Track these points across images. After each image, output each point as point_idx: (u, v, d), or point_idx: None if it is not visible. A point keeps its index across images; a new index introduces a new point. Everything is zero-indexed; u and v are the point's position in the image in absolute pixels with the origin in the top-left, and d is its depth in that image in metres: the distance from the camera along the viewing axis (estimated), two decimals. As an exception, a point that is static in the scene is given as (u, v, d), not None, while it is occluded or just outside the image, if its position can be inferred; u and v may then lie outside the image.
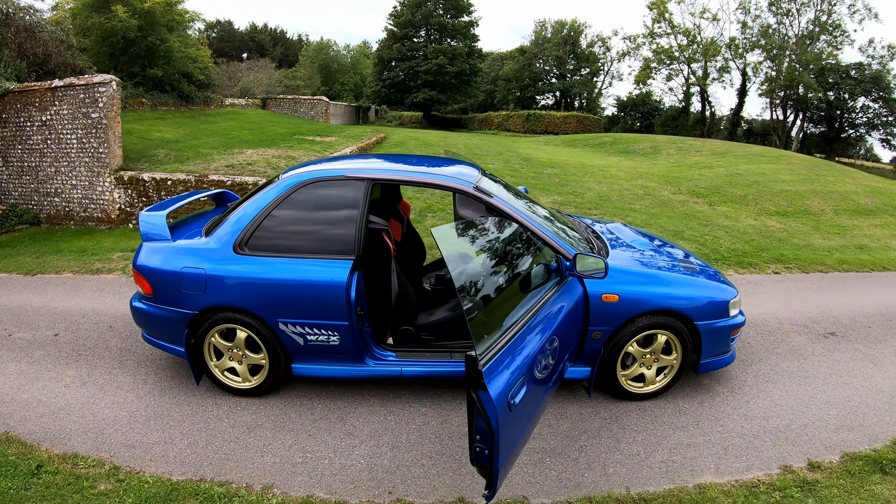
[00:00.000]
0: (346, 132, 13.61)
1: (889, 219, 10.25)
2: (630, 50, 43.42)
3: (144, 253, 3.22)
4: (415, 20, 38.14)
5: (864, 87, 33.37)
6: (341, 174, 3.14)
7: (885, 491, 2.77)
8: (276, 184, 3.20)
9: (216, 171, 7.19)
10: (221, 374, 3.27)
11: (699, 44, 38.46)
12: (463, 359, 3.23)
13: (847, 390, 3.85)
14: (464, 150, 13.22)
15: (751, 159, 15.82)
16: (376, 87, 40.36)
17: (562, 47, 45.02)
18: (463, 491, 2.57)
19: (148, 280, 3.14)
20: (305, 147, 9.61)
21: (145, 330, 3.41)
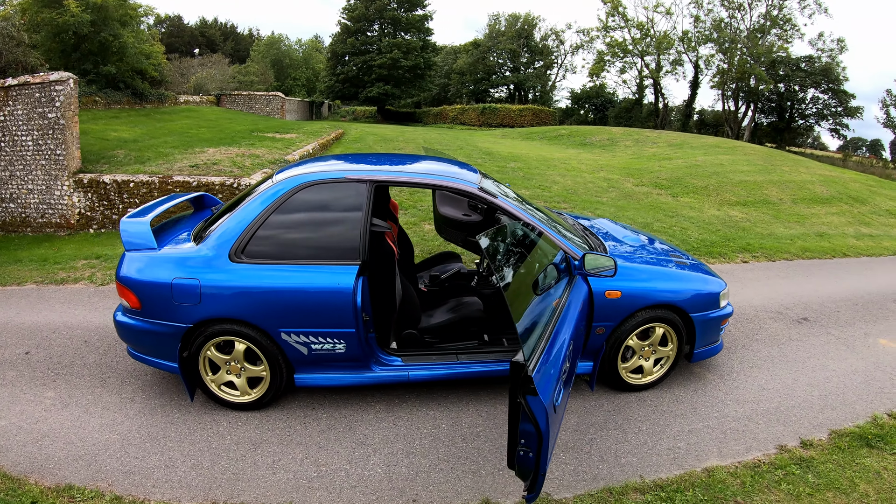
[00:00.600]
0: (305, 128, 13.43)
1: (844, 207, 11.07)
2: (584, 43, 44.95)
3: (129, 263, 3.06)
4: (369, 14, 38.35)
5: (814, 79, 35.85)
6: (342, 176, 3.10)
7: (874, 463, 3.05)
8: (272, 186, 3.11)
9: (180, 172, 6.96)
10: (218, 389, 3.18)
11: (652, 37, 40.11)
12: (469, 360, 3.31)
13: (825, 372, 4.19)
14: (423, 143, 13.29)
15: (707, 151, 16.64)
16: (330, 81, 40.57)
17: (516, 41, 46.03)
18: (486, 492, 2.64)
19: (134, 293, 3.01)
20: (267, 145, 9.43)
21: (132, 345, 3.26)
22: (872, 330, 5.07)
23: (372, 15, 38.38)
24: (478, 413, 3.30)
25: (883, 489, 2.84)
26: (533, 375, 1.88)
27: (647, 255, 3.97)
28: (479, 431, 3.12)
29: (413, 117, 42.28)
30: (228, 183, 6.68)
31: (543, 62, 47.60)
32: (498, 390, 3.56)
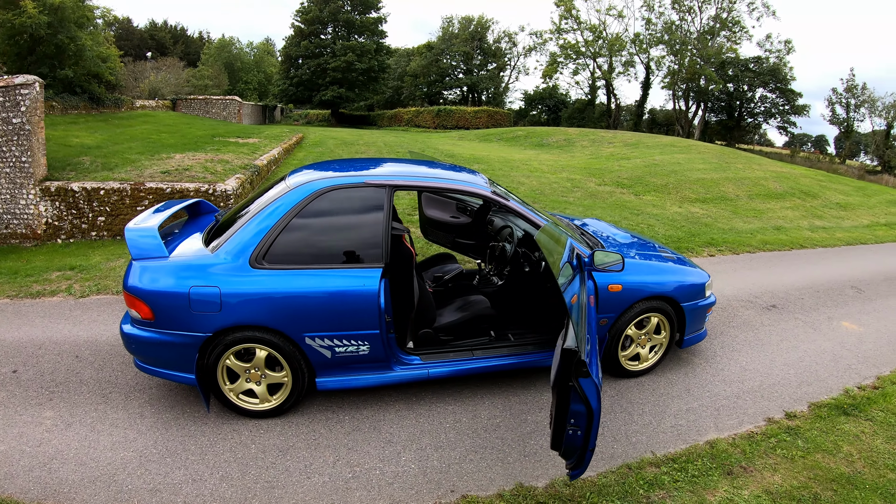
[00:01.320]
0: (265, 133, 13.37)
1: (797, 201, 12.10)
2: (537, 45, 46.83)
3: (138, 273, 3.04)
4: (322, 16, 38.66)
5: (762, 79, 38.75)
6: (362, 181, 3.24)
7: (852, 428, 3.53)
8: (291, 192, 3.19)
9: (152, 178, 6.83)
10: (236, 398, 3.23)
11: (605, 39, 42.08)
12: (483, 355, 3.55)
13: (798, 353, 4.71)
14: (384, 147, 13.49)
15: (663, 150, 17.68)
16: (283, 85, 40.72)
17: (469, 43, 47.30)
18: (517, 477, 2.87)
19: (147, 303, 3.00)
20: (232, 150, 9.38)
21: (142, 358, 3.24)
22: (835, 314, 5.70)
23: (326, 17, 38.68)
24: (493, 405, 3.53)
25: (863, 449, 3.30)
26: (585, 359, 2.15)
27: (639, 250, 4.35)
28: (499, 422, 3.36)
29: (367, 120, 42.85)
30: (203, 189, 6.63)
31: (496, 64, 49.13)
32: (508, 382, 3.81)
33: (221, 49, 47.33)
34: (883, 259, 8.53)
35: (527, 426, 3.35)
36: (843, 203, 12.73)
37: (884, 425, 3.58)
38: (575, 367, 2.18)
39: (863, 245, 9.38)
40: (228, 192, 6.75)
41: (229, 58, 46.72)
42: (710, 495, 2.81)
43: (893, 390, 4.04)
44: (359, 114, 43.68)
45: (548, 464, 3.01)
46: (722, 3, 39.01)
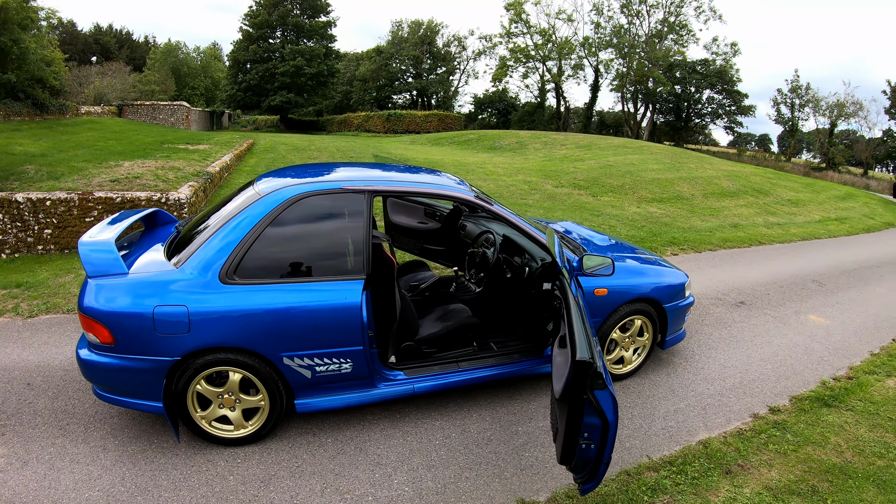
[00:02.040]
0: (215, 139, 12.96)
1: (750, 199, 12.74)
2: (486, 49, 48.00)
3: (95, 292, 2.78)
4: (271, 20, 38.76)
5: (709, 81, 40.87)
6: (338, 186, 3.08)
7: (835, 419, 3.68)
8: (263, 199, 3.01)
9: (101, 188, 6.43)
10: (209, 426, 3.02)
11: (555, 43, 43.40)
12: (469, 367, 3.47)
13: (771, 348, 4.91)
14: (336, 152, 13.32)
15: (616, 151, 18.31)
16: (231, 90, 40.51)
17: (419, 47, 47.97)
18: (517, 493, 2.80)
19: (106, 326, 2.74)
20: (182, 156, 9.02)
21: (101, 386, 2.97)
22: (801, 308, 5.99)
23: (275, 21, 38.78)
24: (482, 418, 3.46)
25: (850, 438, 3.44)
26: (601, 371, 2.12)
27: (620, 252, 4.42)
28: (489, 435, 3.28)
29: (316, 126, 42.97)
30: (156, 198, 6.31)
31: (446, 68, 50.00)
32: (493, 393, 3.75)
33: (168, 54, 47.25)
34: (838, 253, 9.08)
35: (519, 438, 3.30)
36: (794, 199, 13.53)
37: (865, 414, 3.76)
38: (591, 379, 2.15)
39: (817, 240, 9.97)
40: (182, 201, 6.45)
41: (176, 63, 46.67)
42: (713, 496, 2.84)
43: (868, 380, 4.26)
44: (308, 119, 43.70)
45: (546, 476, 2.96)
46: (669, 8, 41.11)
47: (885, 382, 4.28)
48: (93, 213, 6.10)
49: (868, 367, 4.54)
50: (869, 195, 19.86)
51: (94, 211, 6.11)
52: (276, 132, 33.55)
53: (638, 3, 41.21)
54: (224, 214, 3.13)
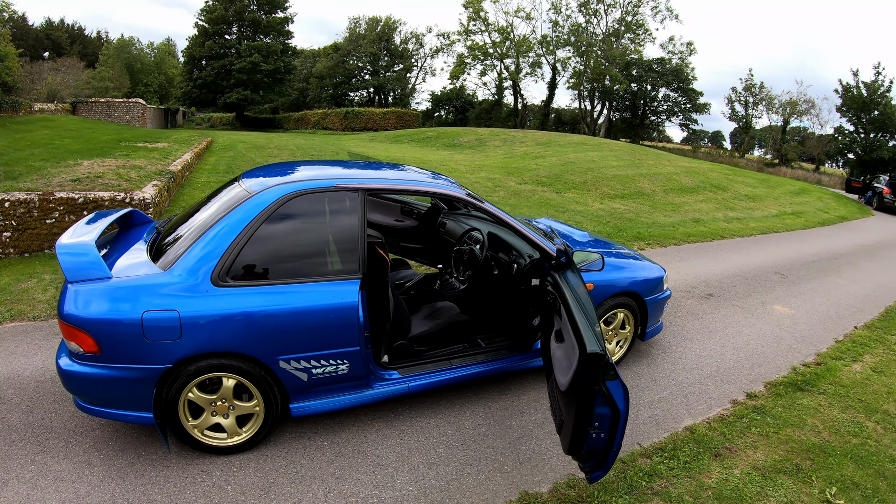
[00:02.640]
0: (173, 137, 12.59)
1: (709, 194, 13.33)
2: (444, 46, 48.70)
3: (77, 298, 2.67)
4: (228, 16, 38.43)
5: (665, 80, 42.46)
6: (332, 184, 3.06)
7: (810, 402, 3.96)
8: (253, 198, 2.95)
9: (62, 187, 6.12)
10: (201, 435, 2.95)
11: (513, 41, 44.22)
12: (462, 364, 3.54)
13: (743, 337, 5.20)
14: (296, 150, 13.15)
15: (576, 148, 18.78)
16: (186, 87, 39.96)
17: (376, 44, 48.24)
18: (520, 485, 2.88)
19: (90, 334, 2.64)
20: (142, 155, 8.72)
21: (84, 398, 2.85)
22: (766, 299, 6.36)
23: (231, 17, 38.47)
24: (475, 414, 3.53)
25: (826, 420, 3.72)
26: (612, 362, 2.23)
27: (601, 248, 4.59)
28: (485, 431, 3.36)
29: (273, 123, 42.70)
30: (120, 197, 6.08)
31: (403, 65, 50.51)
32: (483, 389, 3.83)
33: (121, 49, 46.56)
34: (797, 245, 9.66)
35: (513, 432, 3.39)
36: (752, 195, 14.26)
37: (836, 397, 4.06)
38: (603, 371, 2.26)
39: (776, 233, 10.57)
40: (147, 201, 6.25)
41: (129, 59, 46.11)
42: (706, 478, 3.01)
43: (835, 365, 4.60)
44: (264, 117, 43.38)
45: (545, 468, 3.06)
46: (627, 7, 42.57)
47: (851, 367, 4.63)
48: (54, 215, 5.85)
49: (834, 354, 4.89)
50: (822, 190, 21.14)
51: (56, 212, 5.85)
52: (232, 130, 32.92)
53: (595, 3, 42.65)
54: (210, 214, 3.07)
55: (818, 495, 2.98)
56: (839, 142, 35.79)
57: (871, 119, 32.19)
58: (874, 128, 32.16)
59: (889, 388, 4.32)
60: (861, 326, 5.73)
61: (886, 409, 3.97)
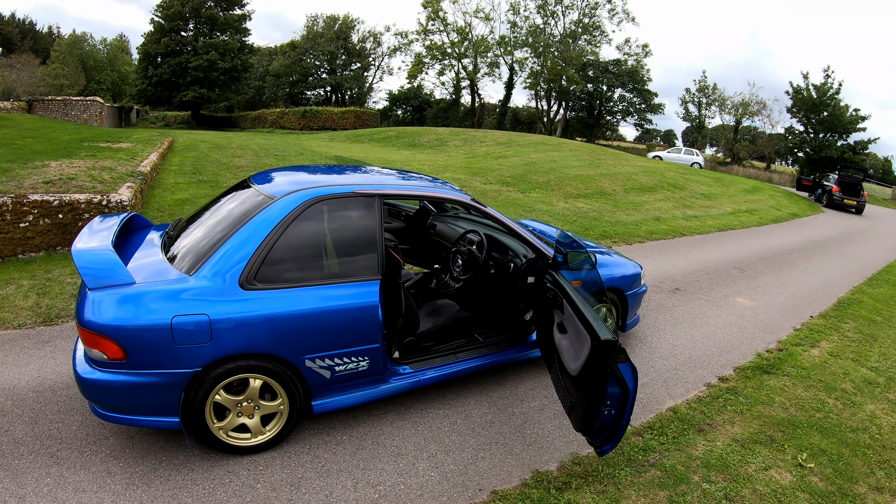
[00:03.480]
0: (134, 137, 12.35)
1: (667, 193, 14.13)
2: (402, 46, 49.25)
3: (100, 304, 2.70)
4: (184, 12, 38.31)
5: (621, 80, 44.06)
6: (350, 190, 3.28)
7: (776, 383, 4.50)
8: (277, 203, 3.11)
9: (34, 190, 5.99)
10: (226, 436, 3.09)
11: (471, 41, 45.12)
12: (466, 357, 3.84)
13: (710, 327, 5.74)
14: (259, 150, 13.10)
15: (537, 148, 19.44)
16: (142, 85, 39.71)
17: (334, 42, 48.44)
18: (530, 465, 3.21)
19: (116, 341, 2.68)
20: (108, 155, 8.54)
21: (106, 405, 2.88)
22: (728, 292, 6.97)
23: (188, 13, 38.38)
24: (479, 404, 3.83)
25: (791, 398, 4.26)
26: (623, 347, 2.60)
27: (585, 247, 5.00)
28: (491, 418, 3.67)
29: (229, 122, 42.61)
30: (97, 200, 5.96)
31: (361, 64, 50.91)
32: (484, 380, 4.15)
33: (73, 45, 45.95)
34: (752, 242, 10.48)
35: (517, 418, 3.71)
36: (707, 193, 15.21)
37: (798, 378, 4.63)
38: (616, 355, 2.61)
39: (732, 230, 11.40)
40: (125, 203, 6.23)
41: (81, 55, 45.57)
42: (693, 450, 3.44)
43: (796, 351, 5.20)
44: (220, 115, 43.17)
45: (550, 448, 3.41)
46: (584, 9, 44.13)
47: (810, 352, 5.24)
48: (27, 218, 5.77)
49: (794, 340, 5.51)
50: (774, 188, 22.65)
51: (30, 215, 5.77)
52: (188, 129, 32.31)
53: (553, 4, 43.97)
54: (227, 218, 3.23)
55: (791, 461, 3.47)
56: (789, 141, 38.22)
57: (820, 120, 34.73)
58: (823, 128, 34.69)
59: (845, 369, 4.95)
60: (816, 316, 6.42)
61: (844, 388, 4.57)
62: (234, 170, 10.62)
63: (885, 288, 8.35)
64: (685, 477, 3.19)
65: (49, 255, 5.88)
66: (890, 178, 47.39)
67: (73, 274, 5.41)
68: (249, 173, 10.18)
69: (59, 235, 5.98)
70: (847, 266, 9.70)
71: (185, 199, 8.10)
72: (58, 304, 4.83)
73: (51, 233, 5.94)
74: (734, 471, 3.31)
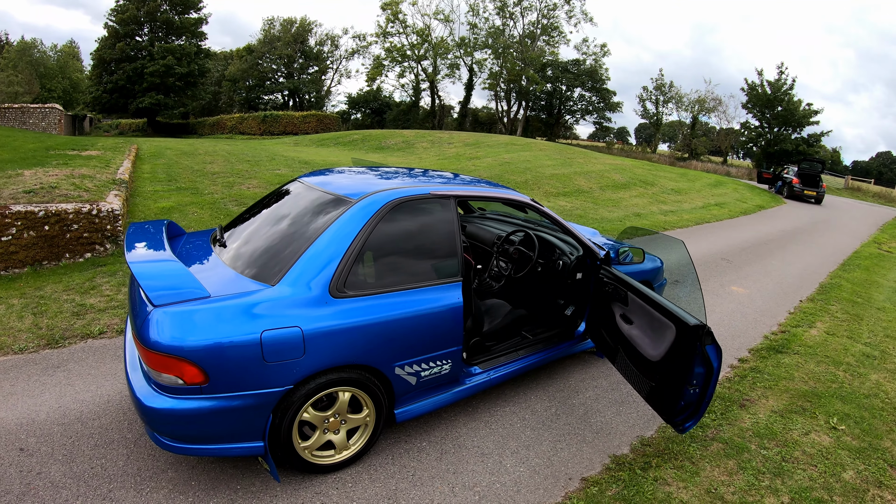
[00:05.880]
0: (99, 144, 11.99)
1: (640, 190, 14.93)
2: (360, 48, 49.44)
3: (172, 323, 2.49)
4: (139, 16, 38.10)
5: (580, 80, 45.72)
6: (427, 192, 3.32)
7: (790, 361, 5.05)
8: (358, 206, 3.07)
9: (15, 200, 5.79)
10: (312, 456, 2.99)
11: (431, 43, 45.84)
12: (527, 354, 4.06)
13: (716, 314, 6.30)
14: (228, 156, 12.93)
15: (507, 148, 20.02)
16: (96, 92, 39.35)
17: (291, 46, 48.49)
18: (607, 450, 3.53)
19: (196, 362, 2.48)
20: (81, 164, 8.34)
21: (178, 436, 2.63)
22: (724, 281, 7.63)
23: (143, 17, 38.21)
24: (540, 398, 4.10)
25: (807, 372, 4.83)
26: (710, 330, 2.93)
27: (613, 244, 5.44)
28: (555, 412, 3.95)
29: (186, 129, 42.40)
30: (86, 209, 5.84)
31: (319, 67, 50.98)
32: (535, 377, 4.42)
33: (23, 52, 45.56)
34: (730, 234, 11.31)
35: (578, 409, 4.01)
36: (677, 189, 16.16)
37: (807, 356, 5.22)
38: (704, 337, 2.94)
39: (708, 224, 12.24)
40: (116, 212, 6.09)
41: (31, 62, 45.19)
42: (741, 423, 3.92)
43: (797, 332, 5.83)
44: (176, 122, 42.62)
45: (617, 434, 3.74)
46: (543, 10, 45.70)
47: (809, 332, 5.88)
48: (10, 231, 5.51)
49: (792, 322, 6.16)
50: (736, 182, 24.11)
51: (13, 227, 5.52)
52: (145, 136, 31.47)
53: (512, 6, 45.32)
54: (295, 221, 3.19)
55: (825, 425, 4.00)
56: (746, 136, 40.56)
57: (774, 115, 37.09)
58: (778, 123, 37.02)
59: (844, 346, 5.61)
60: (805, 300, 7.15)
61: (848, 362, 5.20)
62: (211, 176, 10.49)
63: (858, 272, 9.30)
64: (744, 446, 3.63)
65: (35, 271, 5.63)
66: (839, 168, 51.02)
67: (68, 290, 5.23)
68: (227, 179, 10.18)
69: (45, 249, 5.74)
70: (819, 253, 10.70)
71: (171, 207, 8.02)
72: (59, 323, 4.59)
73: (36, 246, 5.68)
74: (782, 437, 3.79)
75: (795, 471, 3.44)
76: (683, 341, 3.04)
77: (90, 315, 4.83)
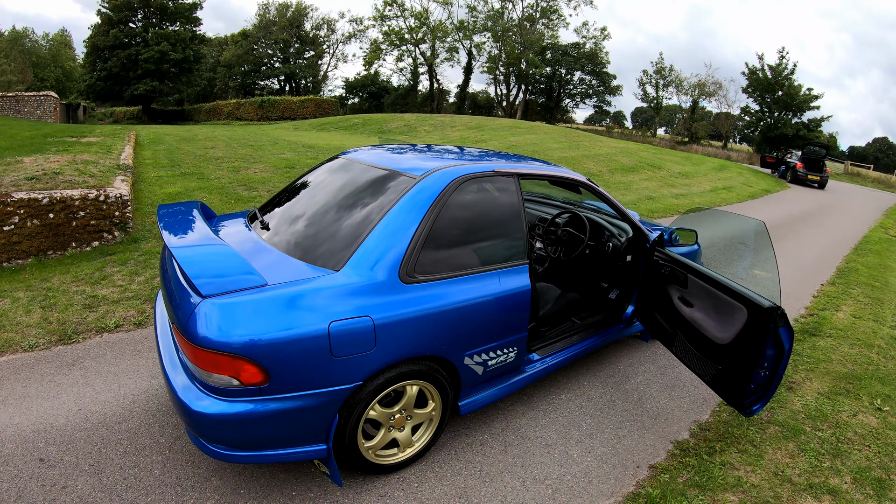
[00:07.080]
0: (97, 131, 11.77)
1: (649, 173, 15.01)
2: (357, 32, 49.15)
3: (228, 317, 2.22)
4: (133, 2, 37.95)
5: (580, 63, 45.59)
6: (491, 169, 3.13)
7: (824, 343, 5.17)
8: (420, 184, 2.83)
9: (18, 187, 5.58)
10: (375, 456, 2.80)
11: (429, 26, 45.60)
12: (580, 339, 4.02)
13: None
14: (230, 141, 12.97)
15: (512, 132, 19.98)
16: (90, 80, 39.40)
17: (287, 30, 48.26)
18: (666, 436, 3.58)
19: (255, 360, 2.22)
20: (82, 150, 8.20)
21: (231, 443, 2.38)
22: (745, 265, 7.74)
23: (136, 3, 38.00)
24: (593, 385, 4.12)
25: (844, 355, 4.96)
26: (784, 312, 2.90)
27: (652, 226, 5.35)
28: (611, 398, 3.98)
29: (182, 115, 42.40)
30: (93, 195, 5.65)
31: (315, 52, 50.73)
32: (584, 364, 4.44)
33: (14, 41, 45.71)
34: (743, 217, 11.40)
35: (632, 394, 4.06)
36: (684, 172, 16.25)
37: (840, 339, 5.36)
38: (779, 319, 2.92)
39: (718, 207, 12.34)
40: (125, 197, 5.93)
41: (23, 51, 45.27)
42: (793, 406, 4.04)
43: (826, 315, 5.98)
44: (172, 109, 42.69)
45: (674, 418, 3.80)
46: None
47: (837, 315, 6.03)
48: (13, 220, 5.28)
49: (819, 306, 6.31)
50: (739, 166, 24.25)
51: (16, 216, 5.29)
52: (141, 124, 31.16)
53: None
54: (349, 198, 2.98)
55: (870, 406, 4.13)
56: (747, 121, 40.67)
57: (775, 99, 37.16)
58: (778, 107, 37.14)
59: (872, 329, 5.75)
60: (826, 283, 7.31)
61: (879, 345, 5.34)
62: (215, 161, 10.34)
63: (872, 257, 9.49)
64: (800, 428, 3.74)
65: (40, 262, 5.42)
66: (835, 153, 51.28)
67: (77, 281, 5.05)
68: (232, 164, 10.06)
69: (50, 238, 5.50)
70: (831, 237, 10.88)
71: (179, 193, 7.91)
72: (71, 317, 4.36)
73: (40, 235, 5.44)
74: (833, 419, 3.91)
75: (852, 451, 3.55)
76: (756, 323, 3.00)
77: (103, 307, 4.62)
